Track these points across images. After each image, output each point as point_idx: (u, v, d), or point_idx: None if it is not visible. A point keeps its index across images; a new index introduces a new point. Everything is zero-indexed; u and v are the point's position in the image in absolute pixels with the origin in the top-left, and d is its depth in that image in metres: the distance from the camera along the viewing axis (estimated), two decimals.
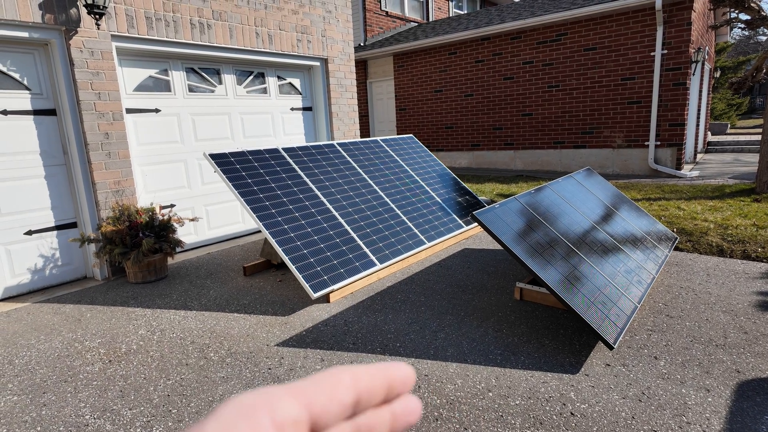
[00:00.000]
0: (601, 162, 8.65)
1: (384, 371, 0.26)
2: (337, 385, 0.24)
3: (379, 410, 0.26)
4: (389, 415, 0.26)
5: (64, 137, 4.09)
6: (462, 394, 2.28)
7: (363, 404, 0.25)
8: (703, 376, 2.32)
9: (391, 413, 0.26)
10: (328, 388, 0.24)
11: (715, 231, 4.50)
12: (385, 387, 0.26)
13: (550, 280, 2.66)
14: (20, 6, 3.58)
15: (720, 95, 18.41)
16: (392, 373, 0.26)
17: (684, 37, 7.46)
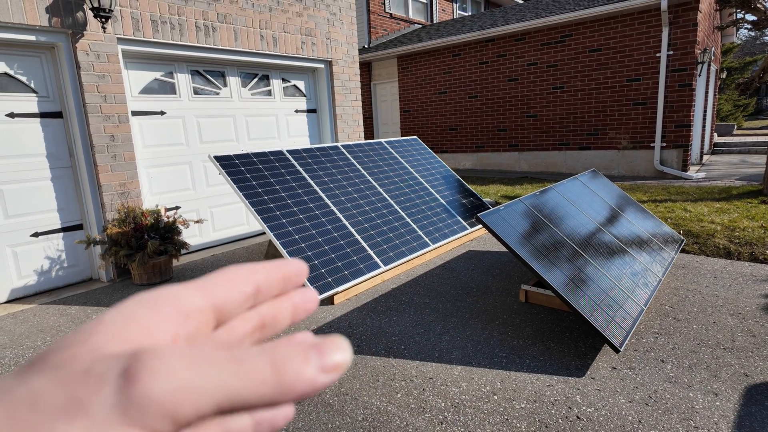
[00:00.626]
0: (606, 164, 8.61)
1: (278, 264, 0.28)
2: (236, 277, 0.25)
3: (280, 300, 0.28)
4: (290, 304, 0.28)
5: (71, 140, 4.11)
6: (467, 397, 2.27)
7: (262, 294, 0.26)
8: (710, 380, 2.30)
9: (291, 302, 0.28)
10: (228, 281, 0.25)
11: (722, 233, 4.47)
12: (280, 278, 0.27)
13: (555, 283, 2.65)
14: (27, 10, 3.61)
15: (726, 96, 18.30)
16: (286, 265, 0.28)
17: (690, 38, 7.42)
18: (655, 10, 7.63)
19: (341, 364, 0.22)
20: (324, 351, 0.22)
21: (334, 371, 0.21)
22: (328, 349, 0.22)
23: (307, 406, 2.25)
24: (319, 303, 0.24)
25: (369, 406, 2.23)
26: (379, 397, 2.30)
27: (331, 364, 0.21)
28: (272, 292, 0.27)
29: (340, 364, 0.22)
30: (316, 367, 0.21)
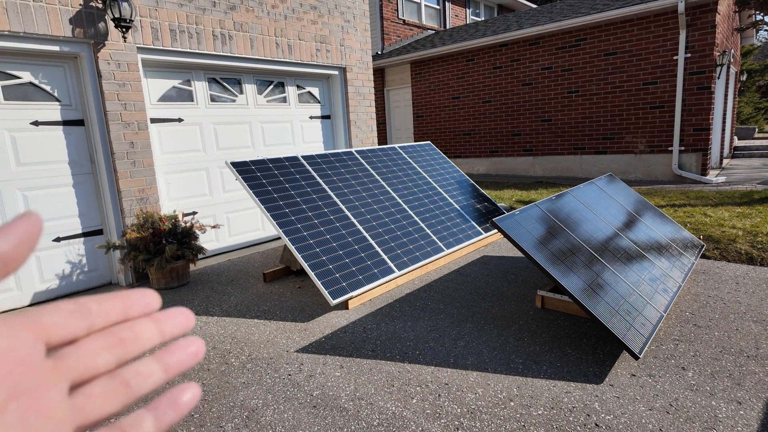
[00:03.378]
0: (623, 168, 8.50)
1: (117, 293, 0.27)
2: (58, 302, 0.25)
3: (138, 320, 0.27)
4: (152, 321, 0.27)
5: (92, 147, 4.21)
6: (483, 403, 2.25)
7: (94, 314, 0.25)
8: (734, 388, 2.25)
9: (153, 319, 0.28)
10: (49, 305, 0.25)
11: (744, 238, 4.37)
12: (115, 299, 0.27)
13: (572, 288, 2.62)
14: (52, 21, 3.72)
15: (747, 99, 17.94)
16: (127, 293, 0.27)
17: (708, 40, 7.31)
18: (671, 13, 7.54)
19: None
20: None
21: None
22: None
23: (322, 411, 2.26)
24: (194, 319, 0.29)
25: (384, 411, 2.23)
26: (395, 402, 2.29)
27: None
28: (110, 314, 0.26)
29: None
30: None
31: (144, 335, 0.27)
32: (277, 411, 2.28)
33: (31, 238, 0.24)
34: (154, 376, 0.26)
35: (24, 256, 0.23)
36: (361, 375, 2.55)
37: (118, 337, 0.26)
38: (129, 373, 0.26)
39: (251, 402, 2.37)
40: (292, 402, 2.35)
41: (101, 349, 0.25)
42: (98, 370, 0.25)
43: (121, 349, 0.26)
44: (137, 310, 0.27)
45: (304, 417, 2.22)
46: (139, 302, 0.28)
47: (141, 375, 0.26)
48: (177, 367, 0.27)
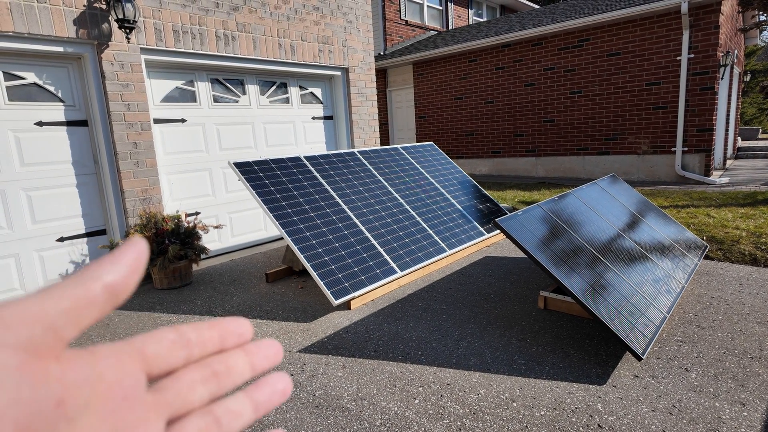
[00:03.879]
0: (625, 168, 8.48)
1: (212, 321, 0.27)
2: (158, 330, 0.25)
3: (231, 351, 0.27)
4: (244, 354, 0.27)
5: (95, 147, 4.23)
6: (485, 404, 2.25)
7: (194, 344, 0.25)
8: (737, 390, 2.24)
9: (245, 352, 0.27)
10: (150, 333, 0.25)
11: (748, 239, 4.36)
12: (212, 328, 0.27)
13: (574, 289, 2.62)
14: (56, 22, 3.73)
15: (750, 99, 17.88)
16: (221, 322, 0.27)
17: (711, 40, 7.29)
18: (675, 13, 7.52)
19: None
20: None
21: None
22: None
23: (325, 411, 2.26)
24: (282, 353, 0.28)
25: (387, 412, 2.23)
26: (397, 403, 2.29)
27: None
28: (207, 344, 0.26)
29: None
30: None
31: (237, 369, 0.27)
32: (280, 411, 2.28)
33: (139, 267, 0.24)
34: (245, 416, 0.26)
35: (132, 286, 0.23)
36: (364, 375, 2.55)
37: (213, 371, 0.26)
38: (221, 411, 0.26)
39: None
40: (294, 402, 2.35)
41: (197, 384, 0.25)
42: (193, 406, 0.25)
43: (215, 384, 0.26)
44: (232, 341, 0.27)
45: (306, 417, 2.22)
46: (234, 332, 0.28)
47: (232, 413, 0.26)
48: (266, 406, 0.27)
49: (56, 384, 0.19)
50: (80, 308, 0.21)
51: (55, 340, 0.20)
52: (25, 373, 0.18)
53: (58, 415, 0.19)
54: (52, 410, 0.19)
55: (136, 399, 0.22)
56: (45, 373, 0.19)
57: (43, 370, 0.19)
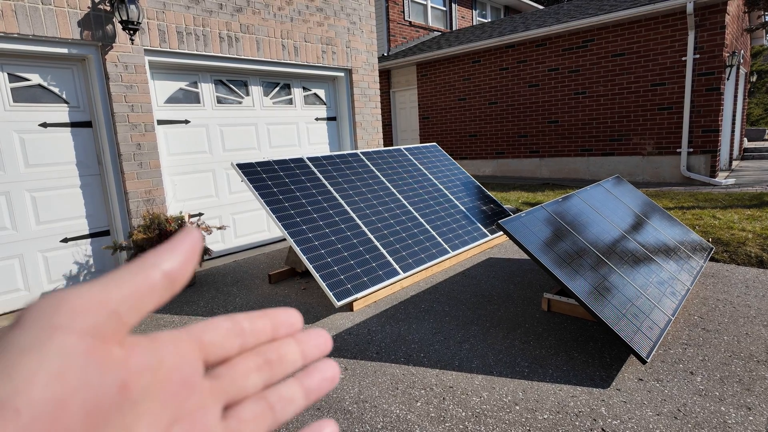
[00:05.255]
0: (630, 170, 8.43)
1: (264, 310, 0.28)
2: (214, 319, 0.26)
3: (283, 340, 0.28)
4: (295, 343, 0.28)
5: (99, 148, 4.24)
6: (488, 407, 2.23)
7: (247, 333, 0.26)
8: (743, 393, 2.21)
9: (296, 341, 0.28)
10: (206, 321, 0.26)
11: (754, 241, 4.31)
12: (265, 317, 0.28)
13: (578, 291, 2.59)
14: (60, 24, 3.75)
15: (757, 100, 17.76)
16: (273, 311, 0.29)
17: (717, 41, 7.24)
18: (680, 14, 7.48)
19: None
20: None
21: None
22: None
23: (326, 413, 2.25)
24: (331, 342, 0.29)
25: (388, 414, 2.22)
26: (399, 405, 2.28)
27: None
28: (260, 333, 0.27)
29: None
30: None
31: (288, 358, 0.28)
32: None
33: (195, 255, 0.24)
34: (297, 401, 0.27)
35: (188, 274, 0.24)
36: (366, 377, 2.54)
37: (266, 359, 0.27)
38: (274, 398, 0.26)
39: None
40: None
41: (251, 371, 0.26)
42: (248, 392, 0.26)
43: (268, 372, 0.27)
44: (283, 331, 0.28)
45: (307, 420, 2.21)
46: (285, 322, 0.29)
47: (285, 400, 0.27)
48: (316, 393, 0.28)
49: (120, 368, 0.20)
50: (141, 295, 0.22)
51: (118, 326, 0.21)
52: (92, 357, 0.19)
53: (123, 399, 0.20)
54: (117, 394, 0.19)
55: (194, 385, 0.23)
56: (110, 358, 0.20)
57: (107, 355, 0.20)
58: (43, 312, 0.19)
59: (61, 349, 0.18)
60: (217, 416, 0.24)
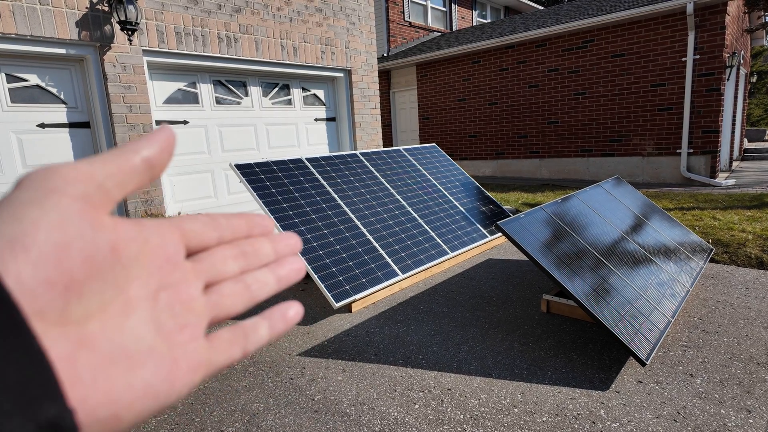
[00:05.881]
0: (630, 170, 8.42)
1: (240, 213, 0.31)
2: (193, 215, 0.28)
3: (257, 237, 0.30)
4: (268, 240, 0.31)
5: (97, 149, 4.23)
6: (486, 409, 2.22)
7: (223, 227, 0.29)
8: (743, 396, 2.20)
9: (270, 239, 0.31)
10: (186, 215, 0.28)
11: (754, 242, 4.30)
12: (241, 218, 0.30)
13: (577, 292, 2.58)
14: (58, 24, 3.74)
15: (757, 101, 17.75)
16: (248, 214, 0.31)
17: (717, 41, 7.23)
18: (680, 14, 7.47)
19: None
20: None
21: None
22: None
23: (323, 416, 2.24)
24: (301, 243, 0.32)
25: (386, 417, 2.20)
26: (397, 408, 2.27)
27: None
28: (236, 229, 0.30)
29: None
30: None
31: (263, 251, 0.30)
32: (278, 416, 2.26)
33: (170, 146, 0.26)
34: (270, 284, 0.30)
35: (166, 162, 0.26)
36: (364, 379, 2.53)
37: (242, 250, 0.29)
38: (250, 279, 0.29)
39: (252, 406, 2.35)
40: (293, 406, 2.33)
41: (229, 258, 0.28)
42: (226, 275, 0.28)
43: (244, 260, 0.29)
44: (257, 231, 0.31)
45: (305, 422, 2.20)
46: (260, 224, 0.31)
47: (260, 282, 0.29)
48: (286, 280, 0.31)
49: (110, 232, 0.22)
50: (124, 173, 0.24)
51: (105, 198, 0.23)
52: (85, 217, 0.21)
53: (114, 259, 0.21)
54: (109, 253, 0.21)
55: (177, 262, 0.25)
56: (101, 222, 0.22)
57: (99, 219, 0.21)
58: (39, 177, 0.21)
59: (58, 206, 0.20)
60: (199, 289, 0.26)
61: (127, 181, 0.24)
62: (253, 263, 0.30)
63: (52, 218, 0.20)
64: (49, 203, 0.20)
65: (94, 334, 0.20)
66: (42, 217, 0.19)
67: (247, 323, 0.28)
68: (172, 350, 0.23)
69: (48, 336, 0.18)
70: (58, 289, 0.19)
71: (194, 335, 0.25)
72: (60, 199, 0.20)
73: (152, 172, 0.25)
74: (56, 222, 0.20)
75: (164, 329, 0.24)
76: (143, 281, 0.23)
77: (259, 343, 0.28)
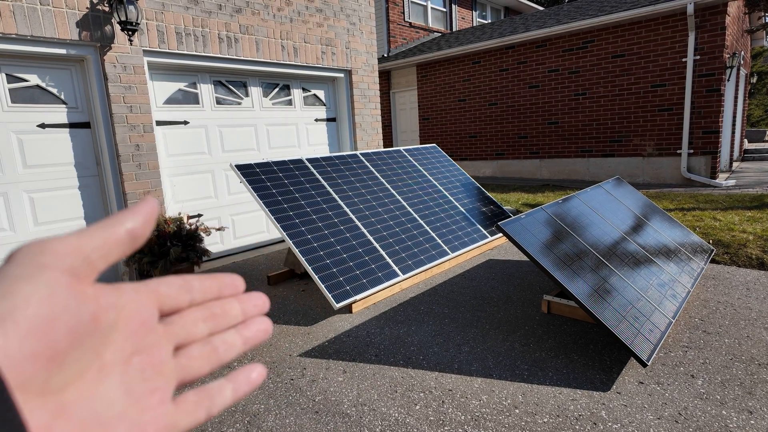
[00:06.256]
0: (630, 171, 8.42)
1: (211, 274, 0.32)
2: (167, 277, 0.30)
3: (226, 298, 0.32)
4: (237, 301, 0.32)
5: (98, 149, 4.23)
6: (487, 410, 2.22)
7: (197, 290, 0.30)
8: (745, 397, 2.20)
9: (238, 300, 0.32)
10: (160, 278, 0.30)
11: (755, 243, 4.30)
12: (212, 279, 0.31)
13: (578, 293, 2.58)
14: (59, 24, 3.74)
15: (757, 101, 17.75)
16: (219, 275, 0.32)
17: (718, 42, 7.23)
18: (680, 15, 7.47)
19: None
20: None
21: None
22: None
23: (324, 416, 2.23)
24: (269, 303, 0.34)
25: (387, 418, 2.20)
26: (398, 409, 2.26)
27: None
28: (208, 291, 0.31)
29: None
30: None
31: (231, 313, 0.32)
32: (279, 416, 2.26)
33: (151, 219, 0.28)
34: (236, 346, 0.31)
35: (147, 233, 0.28)
36: (364, 380, 2.53)
37: (211, 312, 0.31)
38: (218, 342, 0.30)
39: (253, 407, 2.35)
40: (294, 407, 2.33)
41: (199, 321, 0.30)
42: (195, 338, 0.30)
43: (213, 323, 0.31)
44: (228, 291, 0.32)
45: (305, 423, 2.20)
46: (230, 284, 0.32)
47: (227, 344, 0.31)
48: (253, 340, 0.32)
49: (92, 303, 0.24)
50: (109, 246, 0.26)
51: (90, 270, 0.25)
52: (71, 290, 0.23)
53: (94, 328, 0.23)
54: (90, 322, 0.23)
55: (151, 327, 0.27)
56: (85, 293, 0.24)
57: (83, 291, 0.23)
58: (31, 252, 0.23)
59: (48, 281, 0.22)
60: (169, 353, 0.28)
61: (111, 252, 0.26)
62: (222, 324, 0.31)
63: (42, 293, 0.21)
64: (40, 279, 0.22)
65: (70, 403, 0.22)
66: (33, 292, 0.21)
67: (213, 386, 0.29)
68: (141, 414, 0.25)
69: (28, 407, 0.20)
70: (42, 361, 0.21)
71: (163, 399, 0.26)
72: (50, 274, 0.22)
73: (135, 242, 0.27)
74: (45, 297, 0.21)
75: (135, 393, 0.25)
76: (118, 346, 0.25)
77: (223, 404, 0.29)
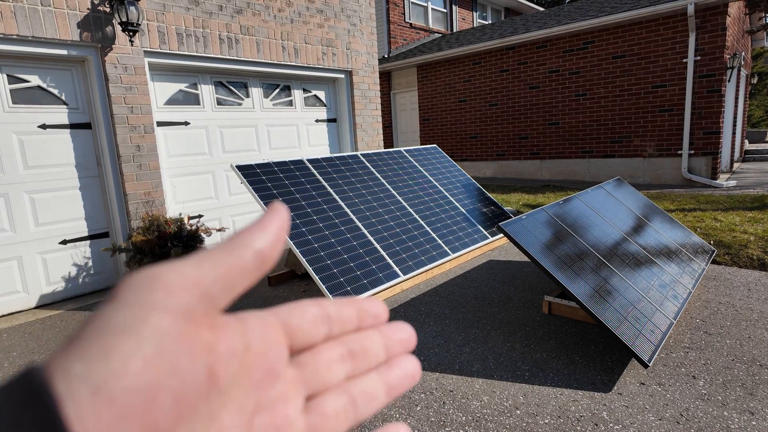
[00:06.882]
0: (631, 171, 8.41)
1: (351, 298, 0.27)
2: (302, 302, 0.25)
3: (366, 332, 0.27)
4: (379, 336, 0.27)
5: (98, 150, 4.23)
6: (488, 411, 2.21)
7: (334, 321, 0.25)
8: (746, 398, 2.19)
9: (381, 334, 0.27)
10: (293, 304, 0.25)
11: (756, 243, 4.29)
12: (352, 306, 0.26)
13: (579, 294, 2.58)
14: (60, 25, 3.74)
15: (758, 102, 17.75)
16: (360, 300, 0.27)
17: (718, 42, 7.23)
18: (681, 15, 7.47)
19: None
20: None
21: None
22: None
23: None
24: (416, 338, 0.27)
25: (388, 419, 2.20)
26: (398, 410, 2.26)
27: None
28: (346, 322, 0.26)
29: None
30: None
31: (372, 351, 0.26)
32: None
33: (283, 234, 0.23)
34: (379, 398, 0.26)
35: (278, 253, 0.23)
36: None
37: (350, 350, 0.26)
38: (357, 392, 0.25)
39: None
40: None
41: (335, 362, 0.25)
42: (330, 384, 0.25)
43: (351, 364, 0.25)
44: (368, 321, 0.27)
45: None
46: (372, 313, 0.27)
47: (367, 395, 0.25)
48: (398, 390, 0.27)
49: (209, 355, 0.19)
50: (233, 275, 0.21)
51: (210, 308, 0.20)
52: (183, 342, 0.18)
53: (210, 388, 0.19)
54: (205, 382, 0.18)
55: (278, 373, 0.22)
56: (200, 343, 0.19)
57: (198, 340, 0.19)
58: (139, 289, 0.19)
59: (156, 332, 0.18)
60: (298, 408, 0.23)
61: (236, 283, 0.21)
62: (361, 366, 0.26)
63: (146, 352, 0.17)
64: (146, 329, 0.17)
65: None
66: (136, 352, 0.17)
67: None
68: None
69: None
70: None
71: None
72: (158, 320, 0.18)
73: (263, 267, 0.22)
74: (150, 358, 0.17)
75: None
76: (239, 404, 0.20)
77: None
